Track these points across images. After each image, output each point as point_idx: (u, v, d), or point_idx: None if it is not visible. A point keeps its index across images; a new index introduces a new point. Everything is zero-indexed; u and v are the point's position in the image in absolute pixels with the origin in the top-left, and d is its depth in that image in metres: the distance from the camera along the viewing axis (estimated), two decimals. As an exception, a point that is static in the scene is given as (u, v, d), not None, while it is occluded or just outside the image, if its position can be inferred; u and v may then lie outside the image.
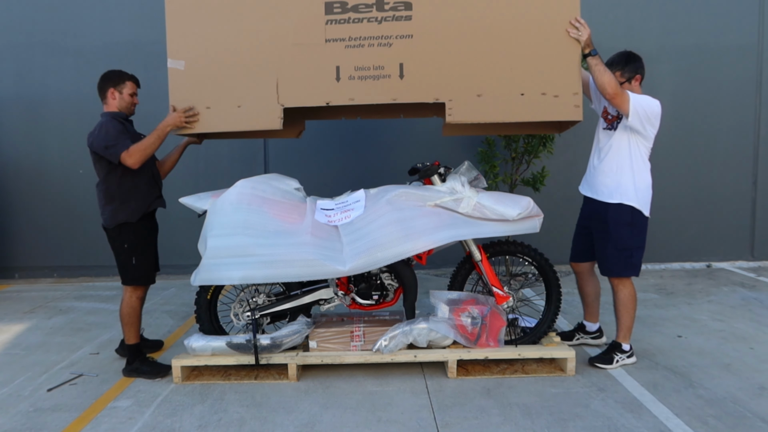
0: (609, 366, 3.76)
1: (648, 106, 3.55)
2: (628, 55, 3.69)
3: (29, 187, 6.71)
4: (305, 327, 3.72)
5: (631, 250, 3.70)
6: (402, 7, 3.49)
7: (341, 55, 3.55)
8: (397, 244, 3.50)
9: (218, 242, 3.59)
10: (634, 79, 3.67)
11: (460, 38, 3.51)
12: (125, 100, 3.86)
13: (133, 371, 3.75)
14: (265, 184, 3.83)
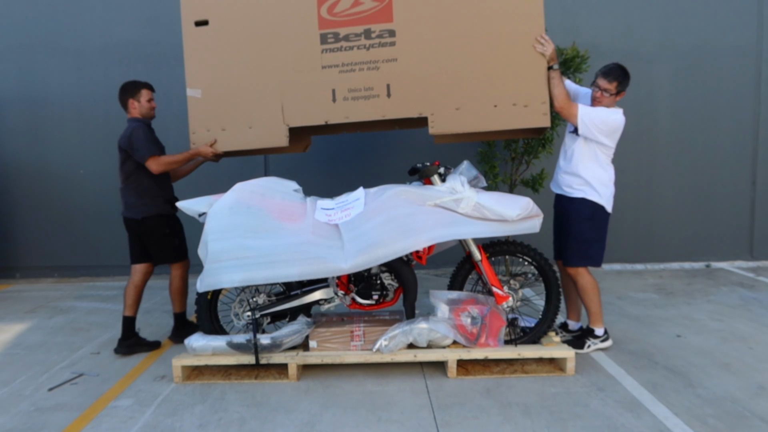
0: (581, 350, 3.98)
1: (599, 119, 3.78)
2: (626, 71, 3.88)
3: (30, 187, 6.72)
4: (305, 327, 3.73)
5: (589, 243, 3.94)
6: (387, 35, 3.94)
7: (336, 79, 4.00)
8: (397, 241, 3.50)
9: (219, 246, 3.60)
10: (619, 95, 3.88)
11: (439, 58, 3.92)
12: (144, 106, 4.25)
13: (184, 336, 4.09)
14: (263, 186, 3.84)
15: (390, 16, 3.93)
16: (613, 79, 3.82)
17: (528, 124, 3.89)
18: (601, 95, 3.85)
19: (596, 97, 3.89)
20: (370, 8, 3.94)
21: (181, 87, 6.55)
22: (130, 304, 4.30)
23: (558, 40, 5.95)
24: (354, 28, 3.96)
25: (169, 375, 3.78)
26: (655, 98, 6.65)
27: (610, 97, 3.85)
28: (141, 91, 4.23)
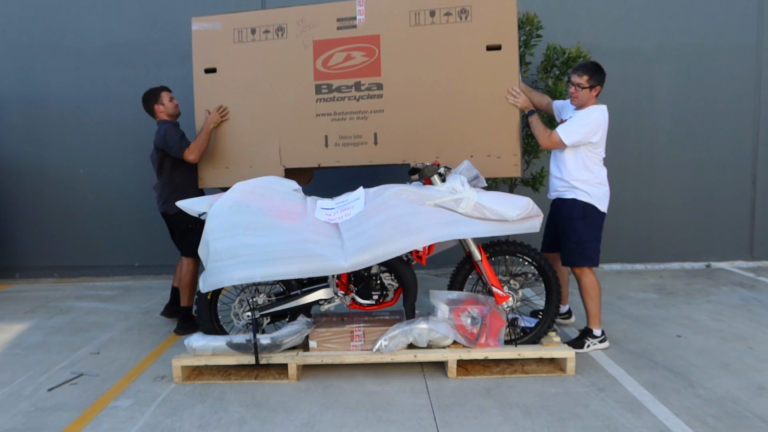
0: (580, 350, 4.04)
1: (579, 132, 3.93)
2: (598, 66, 4.06)
3: (30, 187, 6.72)
4: (305, 327, 3.73)
5: (584, 243, 4.04)
6: (375, 88, 4.33)
7: (328, 127, 4.40)
8: (397, 240, 3.50)
9: (220, 245, 3.60)
10: (594, 89, 4.03)
11: (422, 111, 4.29)
12: (169, 107, 4.65)
13: (189, 329, 4.58)
14: (263, 186, 3.84)
15: (378, 71, 4.32)
16: (583, 72, 3.98)
17: (500, 174, 4.27)
18: (575, 90, 4.02)
19: (571, 93, 4.07)
20: (361, 63, 4.33)
21: (180, 87, 6.56)
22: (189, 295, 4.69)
23: (558, 39, 5.97)
24: (346, 80, 4.36)
25: (168, 375, 3.78)
26: (655, 98, 6.65)
27: (584, 91, 4.00)
28: (161, 94, 4.63)
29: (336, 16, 4.36)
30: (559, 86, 5.56)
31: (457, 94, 4.24)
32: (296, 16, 4.42)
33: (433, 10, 4.24)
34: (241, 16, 4.51)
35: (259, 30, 4.44)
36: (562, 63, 5.62)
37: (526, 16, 5.63)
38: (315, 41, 4.38)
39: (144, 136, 6.62)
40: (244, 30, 4.47)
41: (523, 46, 5.77)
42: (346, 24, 4.35)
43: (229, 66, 4.49)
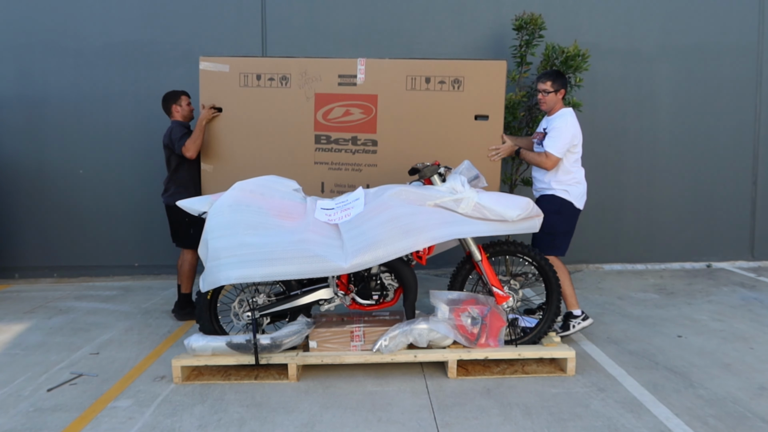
0: (568, 332, 4.25)
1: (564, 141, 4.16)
2: (558, 71, 4.37)
3: (29, 187, 6.71)
4: (305, 327, 3.72)
5: (555, 235, 4.22)
6: (370, 144, 4.63)
7: (325, 175, 4.70)
8: (397, 240, 3.49)
9: (219, 243, 3.59)
10: (559, 92, 4.28)
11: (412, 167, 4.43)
12: (185, 110, 5.06)
13: (186, 315, 4.96)
14: (263, 185, 3.83)
15: (374, 128, 4.60)
16: (546, 79, 4.26)
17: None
18: (542, 96, 4.28)
19: (540, 100, 4.32)
20: (358, 119, 4.61)
21: (180, 87, 6.56)
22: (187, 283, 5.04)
23: (558, 39, 5.96)
24: (344, 134, 4.64)
25: (168, 375, 3.77)
26: (655, 98, 6.64)
27: (550, 95, 4.26)
28: (181, 97, 5.07)
29: (338, 72, 4.62)
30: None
31: (445, 155, 4.52)
32: (300, 68, 4.68)
33: (429, 77, 4.56)
34: (248, 61, 4.78)
35: (264, 77, 4.70)
36: (561, 62, 5.61)
37: (530, 16, 5.62)
38: (317, 94, 4.65)
39: (144, 135, 6.62)
40: (250, 75, 4.71)
41: (524, 46, 5.77)
42: (347, 81, 4.63)
43: (235, 107, 4.71)
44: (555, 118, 4.26)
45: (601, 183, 6.68)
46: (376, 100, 4.58)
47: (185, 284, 5.02)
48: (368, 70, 4.60)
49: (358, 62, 4.61)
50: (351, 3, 6.55)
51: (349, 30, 6.57)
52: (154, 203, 6.63)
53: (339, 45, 6.56)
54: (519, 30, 5.71)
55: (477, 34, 6.54)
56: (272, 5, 6.54)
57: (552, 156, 4.16)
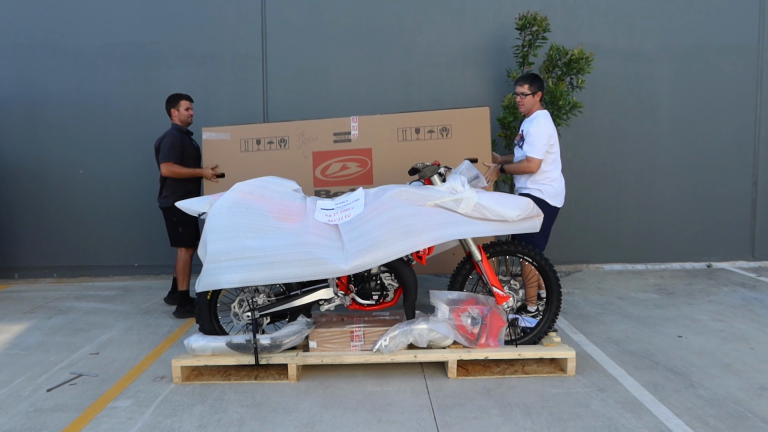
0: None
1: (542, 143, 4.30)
2: (534, 75, 4.47)
3: (29, 187, 6.71)
4: (305, 327, 3.72)
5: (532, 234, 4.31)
6: None
7: None
8: (397, 241, 3.49)
9: (218, 246, 3.58)
10: (536, 94, 4.42)
11: None
12: (183, 114, 5.17)
13: (185, 312, 5.08)
14: (262, 187, 3.82)
15: (371, 179, 4.82)
16: (523, 82, 4.40)
17: None
18: (521, 98, 4.43)
19: (518, 102, 4.47)
20: (355, 173, 4.84)
21: (179, 86, 6.57)
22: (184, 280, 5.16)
23: (559, 39, 5.97)
24: (342, 187, 4.86)
25: (168, 375, 3.77)
26: (656, 98, 6.64)
27: (528, 98, 4.41)
28: (180, 101, 5.15)
29: (333, 131, 4.91)
30: (560, 87, 5.55)
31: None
32: (297, 130, 4.97)
33: (419, 128, 4.80)
34: (248, 128, 5.08)
35: (264, 141, 4.98)
36: (565, 64, 5.61)
37: (534, 16, 5.59)
38: (314, 152, 4.92)
39: (143, 135, 6.62)
40: (250, 140, 4.99)
41: (527, 46, 5.76)
42: (342, 138, 4.90)
43: (237, 171, 4.95)
44: (529, 122, 4.41)
45: (601, 183, 6.68)
46: (370, 153, 4.82)
47: (181, 281, 5.15)
48: (361, 127, 4.89)
49: (351, 120, 4.90)
50: (351, 3, 6.54)
51: (349, 30, 6.56)
52: (154, 203, 6.63)
53: (339, 45, 6.56)
54: (522, 30, 5.69)
55: (477, 34, 6.53)
56: (272, 5, 6.54)
57: (534, 159, 4.31)
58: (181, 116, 5.16)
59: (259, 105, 6.61)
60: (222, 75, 6.59)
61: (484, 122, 4.72)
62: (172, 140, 4.98)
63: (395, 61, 6.57)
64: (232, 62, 6.58)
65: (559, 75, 5.71)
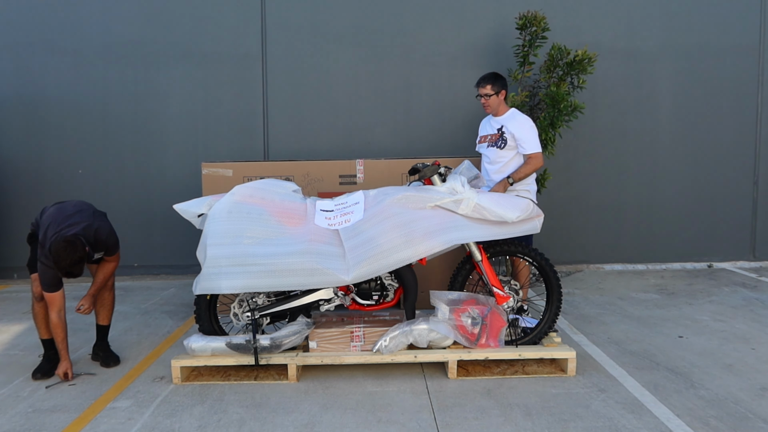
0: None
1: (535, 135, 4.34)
2: (496, 74, 4.41)
3: (28, 186, 6.70)
4: (305, 327, 3.71)
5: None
6: None
7: None
8: (398, 251, 3.50)
9: (218, 251, 3.56)
10: (500, 93, 4.36)
11: None
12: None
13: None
14: (262, 189, 3.81)
15: None
16: (485, 83, 4.33)
17: None
18: (485, 100, 4.35)
19: (483, 104, 4.40)
20: None
21: (179, 86, 6.56)
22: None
23: (559, 38, 5.95)
24: None
25: (168, 376, 3.76)
26: (657, 97, 6.63)
27: (492, 98, 4.34)
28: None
29: (338, 173, 5.01)
30: (562, 87, 5.54)
31: None
32: (302, 170, 5.02)
33: None
34: (251, 165, 5.06)
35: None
36: (566, 64, 5.59)
37: (534, 15, 5.57)
38: (320, 193, 4.94)
39: (143, 135, 6.62)
40: (254, 179, 4.87)
41: (527, 46, 5.74)
42: (348, 180, 5.01)
43: None
44: (509, 120, 4.35)
45: (601, 183, 6.67)
46: None
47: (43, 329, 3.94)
48: (366, 170, 5.02)
49: (357, 163, 5.02)
50: (351, 3, 6.53)
51: (349, 30, 6.55)
52: (153, 203, 6.63)
53: (339, 45, 6.55)
54: (522, 29, 5.68)
55: (478, 33, 6.53)
56: (272, 5, 6.53)
57: (536, 154, 4.29)
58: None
59: (258, 105, 6.61)
60: (222, 75, 6.58)
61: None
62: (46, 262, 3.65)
63: (395, 61, 6.56)
64: (232, 62, 6.57)
65: (560, 75, 5.69)
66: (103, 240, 3.76)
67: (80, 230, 3.62)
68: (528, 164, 4.29)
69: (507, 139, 4.31)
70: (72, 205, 3.89)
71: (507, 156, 4.33)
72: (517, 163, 4.33)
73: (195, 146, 6.62)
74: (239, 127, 6.62)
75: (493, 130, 4.44)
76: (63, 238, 3.50)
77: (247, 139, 6.62)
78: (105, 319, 4.11)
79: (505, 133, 4.33)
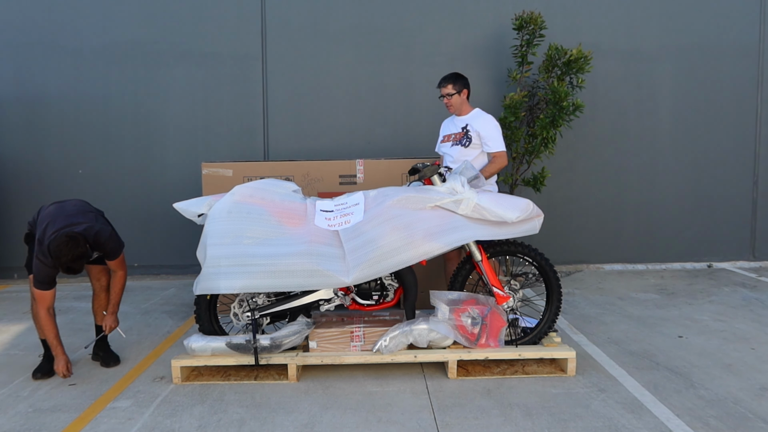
0: None
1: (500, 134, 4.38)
2: (456, 74, 4.42)
3: (28, 187, 6.70)
4: (305, 327, 3.71)
5: None
6: None
7: None
8: (399, 253, 3.50)
9: (218, 251, 3.56)
10: (462, 93, 4.38)
11: None
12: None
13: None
14: (262, 189, 3.81)
15: None
16: (446, 83, 4.35)
17: None
18: (448, 99, 4.37)
19: (446, 104, 4.41)
20: None
21: (179, 86, 6.56)
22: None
23: (559, 39, 5.96)
24: None
25: (168, 376, 3.76)
26: (656, 97, 6.63)
27: (454, 97, 4.35)
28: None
29: (338, 173, 5.02)
30: (561, 87, 5.55)
31: None
32: (302, 170, 5.03)
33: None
34: (251, 165, 5.04)
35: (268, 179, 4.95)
36: (564, 63, 5.60)
37: (530, 15, 5.59)
38: (320, 193, 4.95)
39: (143, 135, 6.62)
40: (254, 179, 4.86)
41: (525, 46, 5.75)
42: (348, 180, 5.02)
43: None
44: (473, 119, 4.37)
45: (601, 183, 6.67)
46: None
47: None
48: (366, 170, 5.03)
49: (357, 163, 5.03)
50: (351, 3, 6.54)
51: (349, 30, 6.56)
52: (153, 203, 6.63)
53: (339, 45, 6.55)
54: (519, 29, 5.69)
55: (477, 33, 6.53)
56: (272, 5, 6.53)
57: (502, 152, 4.34)
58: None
59: (258, 105, 6.61)
60: (222, 75, 6.58)
61: None
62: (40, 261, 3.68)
63: (395, 61, 6.56)
64: (232, 62, 6.57)
65: (558, 75, 5.70)
66: (103, 243, 3.77)
67: (81, 230, 3.61)
68: (493, 163, 4.32)
69: (472, 137, 4.33)
70: (72, 204, 3.89)
71: (471, 155, 4.34)
72: (481, 162, 4.35)
73: (195, 146, 6.62)
74: (239, 127, 6.62)
75: (457, 128, 4.46)
76: (65, 234, 3.50)
77: (247, 139, 6.62)
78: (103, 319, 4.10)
79: (470, 131, 4.34)
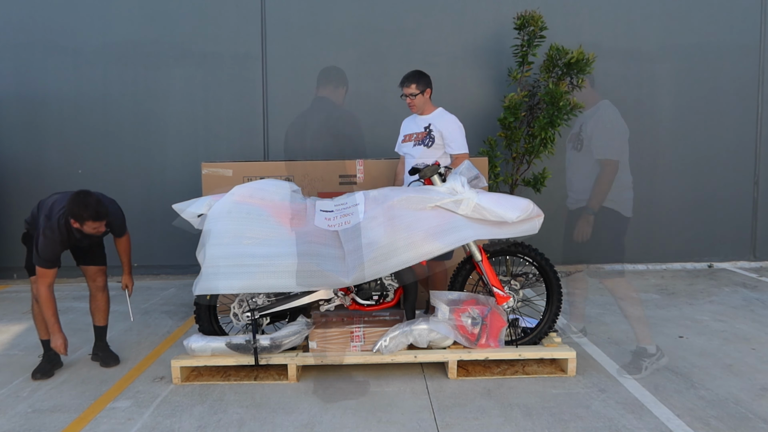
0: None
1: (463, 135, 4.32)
2: (420, 72, 4.34)
3: (28, 186, 6.69)
4: (305, 327, 3.71)
5: None
6: None
7: None
8: (398, 254, 3.49)
9: (217, 251, 3.55)
10: (426, 92, 4.30)
11: None
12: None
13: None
14: (262, 189, 3.80)
15: None
16: (409, 82, 4.25)
17: None
18: (411, 99, 4.28)
19: (409, 104, 4.33)
20: None
21: (179, 86, 6.55)
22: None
23: (559, 39, 5.95)
24: None
25: (168, 376, 3.76)
26: (657, 97, 6.63)
27: (418, 97, 4.27)
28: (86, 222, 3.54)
29: (338, 173, 5.00)
30: (561, 87, 5.55)
31: None
32: (302, 170, 4.99)
33: None
34: (251, 165, 5.03)
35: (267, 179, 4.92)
36: (564, 64, 5.59)
37: (531, 15, 5.58)
38: (319, 193, 4.94)
39: (143, 135, 6.61)
40: (253, 179, 4.86)
41: (526, 46, 5.75)
42: (348, 180, 5.00)
43: None
44: (436, 119, 4.31)
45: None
46: None
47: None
48: (366, 170, 5.00)
49: (357, 163, 5.01)
50: (351, 3, 6.53)
51: (349, 30, 6.55)
52: (153, 203, 6.63)
53: (339, 45, 6.55)
54: (520, 29, 5.68)
55: (477, 33, 6.52)
56: (272, 5, 6.53)
57: (464, 155, 4.29)
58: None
59: (259, 105, 6.60)
60: (222, 75, 6.58)
61: (483, 171, 4.72)
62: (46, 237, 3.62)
63: (395, 61, 6.55)
64: (232, 62, 6.57)
65: (559, 75, 5.70)
66: (113, 212, 3.78)
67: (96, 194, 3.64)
68: (455, 163, 4.26)
69: (435, 137, 4.26)
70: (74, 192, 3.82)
71: (434, 155, 4.28)
72: (443, 164, 4.29)
73: (195, 146, 6.62)
74: (239, 127, 6.62)
75: (419, 128, 4.38)
76: (81, 191, 3.52)
77: (247, 139, 6.62)
78: (101, 320, 4.11)
79: (433, 131, 4.28)
